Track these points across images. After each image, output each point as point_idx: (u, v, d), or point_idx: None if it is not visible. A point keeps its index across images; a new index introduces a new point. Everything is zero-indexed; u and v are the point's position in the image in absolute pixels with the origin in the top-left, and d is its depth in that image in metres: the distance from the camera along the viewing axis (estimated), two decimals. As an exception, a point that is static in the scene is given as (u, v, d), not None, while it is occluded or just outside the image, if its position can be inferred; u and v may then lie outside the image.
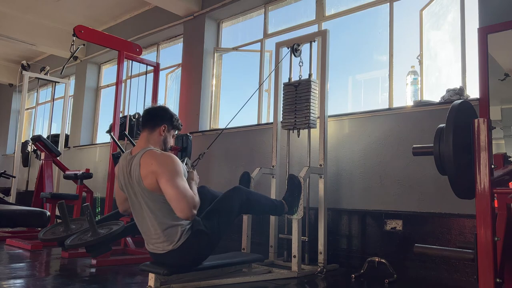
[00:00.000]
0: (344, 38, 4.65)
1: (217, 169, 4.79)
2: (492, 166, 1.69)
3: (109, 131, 5.18)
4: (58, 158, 5.39)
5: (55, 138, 6.62)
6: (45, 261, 3.58)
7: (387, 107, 3.78)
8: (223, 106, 5.46)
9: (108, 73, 7.55)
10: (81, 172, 4.76)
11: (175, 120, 2.55)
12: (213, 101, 5.41)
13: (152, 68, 5.02)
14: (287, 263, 3.39)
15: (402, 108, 3.58)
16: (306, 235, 3.47)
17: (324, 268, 3.23)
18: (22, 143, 6.87)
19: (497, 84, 2.74)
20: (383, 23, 4.07)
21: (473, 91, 3.31)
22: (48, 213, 2.15)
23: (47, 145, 5.17)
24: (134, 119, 5.53)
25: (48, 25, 7.17)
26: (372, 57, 4.41)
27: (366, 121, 3.72)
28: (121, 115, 5.34)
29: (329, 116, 3.73)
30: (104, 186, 4.79)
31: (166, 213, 2.35)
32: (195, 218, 2.44)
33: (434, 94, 3.62)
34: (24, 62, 7.08)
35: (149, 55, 6.55)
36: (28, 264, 3.40)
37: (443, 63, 3.90)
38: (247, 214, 3.50)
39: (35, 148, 5.75)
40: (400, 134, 3.48)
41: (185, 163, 2.62)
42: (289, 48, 3.75)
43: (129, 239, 4.07)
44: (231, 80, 5.61)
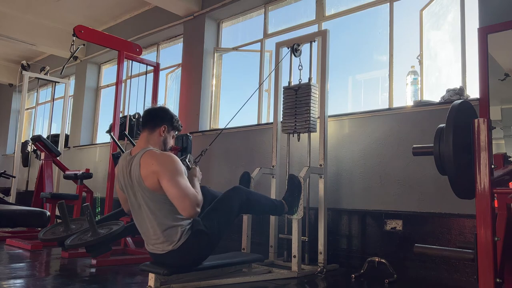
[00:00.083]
0: (344, 38, 4.66)
1: (217, 169, 4.79)
2: (492, 166, 1.69)
3: (109, 131, 5.18)
4: (58, 158, 5.39)
5: (55, 138, 6.62)
6: (45, 261, 3.58)
7: (387, 107, 3.78)
8: (223, 106, 5.46)
9: (108, 73, 7.55)
10: (81, 172, 4.76)
11: (175, 121, 2.56)
12: (213, 101, 5.41)
13: (152, 68, 5.03)
14: (287, 263, 3.39)
15: (402, 108, 3.58)
16: (306, 235, 3.47)
17: (324, 268, 3.23)
18: (22, 143, 6.87)
19: (497, 84, 2.74)
20: (383, 23, 4.07)
21: (473, 91, 3.31)
22: (48, 213, 2.15)
23: (47, 145, 5.17)
24: (134, 119, 5.53)
25: (48, 25, 7.17)
26: (372, 57, 4.41)
27: (366, 121, 3.72)
28: (121, 115, 5.34)
29: (329, 116, 3.73)
30: (104, 186, 4.79)
31: (167, 213, 2.34)
32: (195, 218, 2.44)
33: (434, 94, 3.62)
34: (24, 62, 7.08)
35: (149, 55, 6.55)
36: (28, 264, 3.40)
37: (443, 63, 3.90)
38: (247, 214, 3.50)
39: (35, 148, 5.75)
40: (400, 134, 3.48)
41: (188, 160, 2.63)
42: (289, 48, 3.74)
43: (129, 239, 4.07)
44: (231, 80, 5.61)
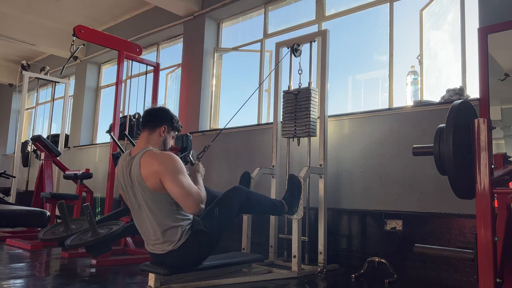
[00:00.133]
0: (344, 38, 4.66)
1: (217, 169, 4.79)
2: (492, 166, 1.69)
3: (109, 131, 5.18)
4: (58, 158, 5.39)
5: (55, 138, 6.62)
6: (45, 261, 3.58)
7: (387, 107, 3.78)
8: (223, 106, 5.46)
9: (108, 73, 7.55)
10: (81, 172, 4.76)
11: (175, 122, 2.56)
12: (213, 101, 5.41)
13: (152, 68, 5.03)
14: (287, 263, 3.39)
15: (402, 108, 3.58)
16: (306, 235, 3.47)
17: (324, 268, 3.23)
18: (22, 143, 6.87)
19: (497, 84, 2.74)
20: (383, 23, 4.07)
21: (473, 91, 3.31)
22: (48, 213, 2.15)
23: (47, 145, 5.17)
24: (134, 119, 5.53)
25: (48, 25, 7.17)
26: (372, 57, 4.41)
27: (366, 121, 3.72)
28: (121, 115, 5.34)
29: (329, 116, 3.73)
30: (104, 186, 4.79)
31: (167, 214, 2.35)
32: (195, 218, 2.45)
33: (434, 94, 3.62)
34: (24, 62, 7.08)
35: (149, 55, 6.55)
36: (28, 264, 3.40)
37: (443, 63, 3.90)
38: (247, 214, 3.50)
39: (35, 148, 5.75)
40: (400, 134, 3.48)
41: (191, 155, 2.66)
42: (289, 48, 3.74)
43: (129, 239, 4.07)
44: (231, 80, 5.61)
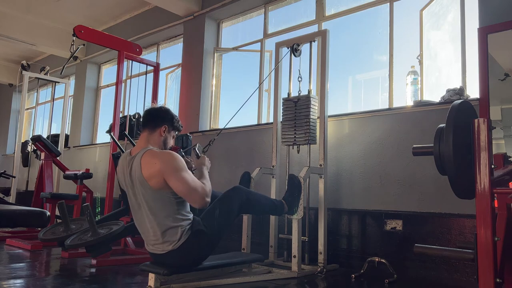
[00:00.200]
0: (344, 38, 4.66)
1: (217, 169, 4.79)
2: (492, 166, 1.69)
3: (109, 131, 5.18)
4: (58, 158, 5.39)
5: (55, 138, 6.62)
6: (45, 261, 3.58)
7: (387, 107, 3.78)
8: (223, 106, 5.46)
9: (108, 73, 7.55)
10: (81, 172, 4.77)
11: (176, 121, 2.56)
12: (213, 101, 5.41)
13: (152, 68, 5.03)
14: (287, 263, 3.39)
15: (402, 108, 3.58)
16: (306, 235, 3.47)
17: (324, 268, 3.23)
18: (22, 143, 6.87)
19: (497, 84, 2.74)
20: (383, 23, 4.07)
21: (473, 91, 3.31)
22: (48, 213, 2.15)
23: (47, 145, 5.18)
24: (134, 119, 5.53)
25: (48, 25, 7.17)
26: (372, 57, 4.41)
27: (366, 121, 3.72)
28: (121, 115, 5.35)
29: (329, 116, 3.73)
30: (104, 186, 4.79)
31: (167, 214, 2.35)
32: (195, 218, 2.45)
33: (434, 94, 3.62)
34: (24, 62, 7.08)
35: (149, 55, 6.55)
36: (28, 264, 3.40)
37: (443, 63, 3.90)
38: (247, 214, 3.50)
39: (35, 148, 5.75)
40: (400, 134, 3.48)
41: (197, 149, 2.72)
42: (289, 48, 3.74)
43: (129, 239, 4.07)
44: (231, 80, 5.61)
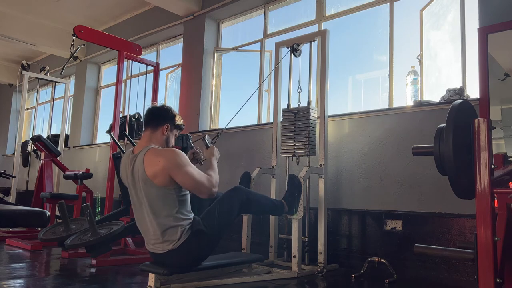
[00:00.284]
0: (344, 38, 4.65)
1: (217, 169, 4.78)
2: (492, 166, 1.69)
3: (109, 131, 5.18)
4: (58, 158, 5.39)
5: (55, 138, 6.62)
6: (45, 261, 3.58)
7: (387, 107, 3.78)
8: (223, 106, 5.46)
9: (108, 73, 7.55)
10: (81, 172, 4.77)
11: (178, 120, 2.59)
12: (213, 101, 5.41)
13: (152, 68, 5.03)
14: (287, 263, 3.39)
15: (402, 108, 3.58)
16: (306, 235, 3.47)
17: (324, 268, 3.23)
18: (22, 143, 6.87)
19: (497, 84, 2.74)
20: (383, 23, 4.07)
21: (473, 91, 3.31)
22: (48, 213, 2.15)
23: (47, 145, 5.18)
24: (134, 119, 5.53)
25: (48, 25, 7.17)
26: (372, 57, 4.41)
27: (366, 121, 3.72)
28: (121, 115, 5.35)
29: (329, 116, 3.73)
30: (104, 186, 4.79)
31: (168, 213, 2.35)
32: (195, 218, 2.46)
33: (434, 94, 3.62)
34: (24, 62, 7.08)
35: (149, 55, 6.55)
36: (28, 264, 3.40)
37: (443, 63, 3.90)
38: (247, 214, 3.50)
39: (35, 148, 5.75)
40: (400, 134, 3.48)
41: (206, 139, 2.81)
42: (289, 48, 3.74)
43: (129, 239, 4.07)
44: (231, 80, 5.61)
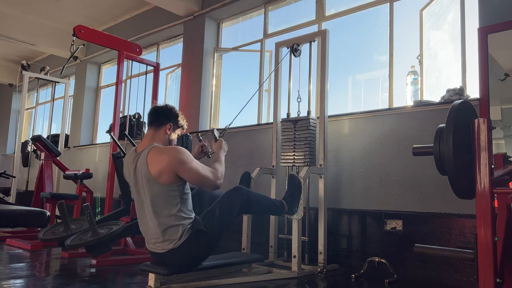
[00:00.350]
0: (344, 38, 4.65)
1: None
2: (492, 166, 1.69)
3: (109, 131, 5.18)
4: (58, 158, 5.39)
5: (55, 138, 6.62)
6: (45, 261, 3.58)
7: (387, 107, 3.78)
8: (223, 106, 5.46)
9: (108, 73, 7.55)
10: (81, 172, 4.77)
11: (181, 119, 2.61)
12: (213, 101, 5.41)
13: (152, 68, 5.03)
14: (287, 263, 3.39)
15: (402, 108, 3.58)
16: (306, 235, 3.47)
17: (324, 268, 3.23)
18: (22, 143, 6.87)
19: (497, 84, 2.74)
20: (383, 23, 4.07)
21: (473, 91, 3.31)
22: (48, 213, 2.15)
23: (47, 145, 5.18)
24: (134, 119, 5.53)
25: (48, 25, 7.17)
26: (372, 57, 4.41)
27: (366, 121, 3.72)
28: (121, 115, 5.35)
29: (329, 116, 3.73)
30: (104, 186, 4.79)
31: (170, 212, 2.36)
32: (196, 218, 2.47)
33: (434, 94, 3.62)
34: (24, 62, 7.08)
35: (149, 55, 6.55)
36: (28, 264, 3.40)
37: (443, 63, 3.90)
38: (247, 214, 3.50)
39: (35, 148, 5.75)
40: (400, 134, 3.48)
41: (214, 132, 2.89)
42: (289, 48, 3.74)
43: (129, 239, 4.07)
44: (231, 80, 5.61)
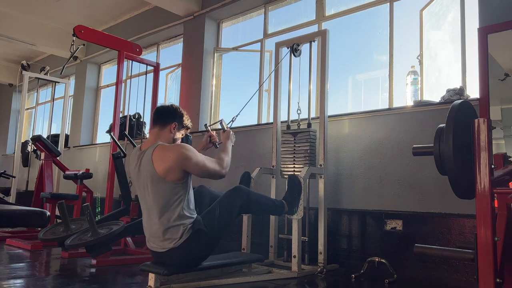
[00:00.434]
0: (344, 38, 4.65)
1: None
2: (492, 166, 1.69)
3: (109, 131, 5.18)
4: (58, 158, 5.39)
5: (55, 138, 6.62)
6: (45, 261, 3.58)
7: (387, 107, 3.78)
8: (223, 106, 5.46)
9: (108, 73, 7.55)
10: (81, 172, 4.77)
11: (186, 119, 2.64)
12: (213, 101, 5.41)
13: (152, 68, 5.02)
14: (287, 263, 3.39)
15: (402, 108, 3.58)
16: (306, 235, 3.47)
17: (324, 268, 3.23)
18: (22, 143, 6.87)
19: (497, 84, 2.74)
20: (383, 23, 4.07)
21: (473, 91, 3.31)
22: (48, 213, 2.16)
23: (47, 145, 5.17)
24: (134, 119, 5.53)
25: (48, 25, 7.17)
26: (372, 57, 4.41)
27: (366, 121, 3.72)
28: (121, 115, 5.34)
29: (329, 116, 3.72)
30: (104, 186, 4.79)
31: (174, 210, 2.38)
32: (197, 218, 2.48)
33: (434, 94, 3.62)
34: (24, 62, 7.08)
35: (149, 55, 6.54)
36: (28, 264, 3.40)
37: (443, 63, 3.90)
38: (247, 214, 3.50)
39: (35, 148, 5.75)
40: (400, 134, 3.48)
41: (222, 123, 2.96)
42: (289, 48, 3.74)
43: (129, 239, 4.07)
44: (231, 80, 5.61)
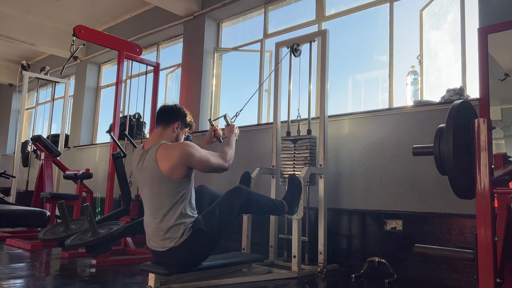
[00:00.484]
0: (344, 38, 4.65)
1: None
2: (492, 166, 1.69)
3: (109, 131, 5.18)
4: (58, 158, 5.39)
5: (55, 138, 6.62)
6: (45, 261, 3.58)
7: (387, 107, 3.78)
8: (223, 106, 5.46)
9: (108, 73, 7.55)
10: (81, 172, 4.77)
11: (189, 119, 2.67)
12: (213, 101, 5.41)
13: (152, 68, 5.03)
14: (287, 263, 3.39)
15: (402, 108, 3.58)
16: (306, 235, 3.47)
17: (324, 268, 3.23)
18: (22, 143, 6.87)
19: (497, 84, 2.74)
20: (383, 23, 4.07)
21: (473, 91, 3.31)
22: (48, 213, 2.16)
23: (47, 145, 5.17)
24: (134, 119, 5.53)
25: (48, 25, 7.17)
26: (372, 57, 4.41)
27: (366, 121, 3.72)
28: (121, 115, 5.35)
29: (329, 116, 3.72)
30: (104, 186, 4.79)
31: (176, 210, 2.39)
32: (197, 217, 2.48)
33: (434, 94, 3.62)
34: (24, 62, 7.07)
35: (149, 55, 6.55)
36: (28, 264, 3.40)
37: (443, 63, 3.90)
38: (247, 214, 3.50)
39: (35, 148, 5.75)
40: (400, 134, 3.48)
41: (226, 118, 2.99)
42: (289, 48, 3.74)
43: (129, 239, 4.07)
44: (231, 80, 5.61)
